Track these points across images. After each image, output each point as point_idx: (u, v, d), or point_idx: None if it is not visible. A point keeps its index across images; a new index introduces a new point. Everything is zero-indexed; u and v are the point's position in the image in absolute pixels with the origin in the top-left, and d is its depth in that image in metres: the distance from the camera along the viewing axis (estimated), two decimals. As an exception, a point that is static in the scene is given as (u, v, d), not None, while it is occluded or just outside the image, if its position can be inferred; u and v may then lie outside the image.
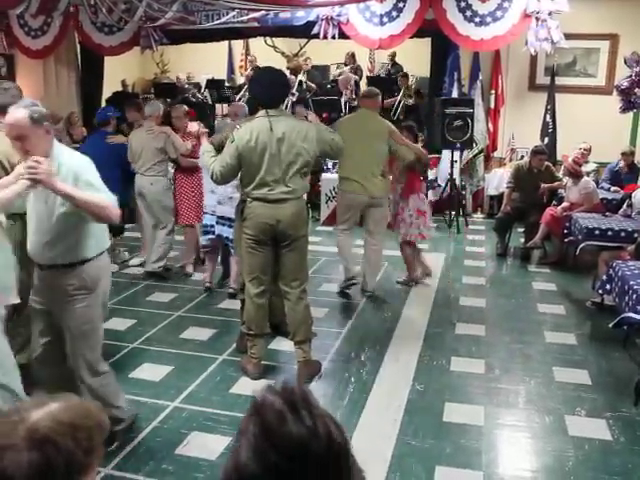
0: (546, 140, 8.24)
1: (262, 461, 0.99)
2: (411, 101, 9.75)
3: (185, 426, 3.39)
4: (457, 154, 8.24)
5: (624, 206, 6.10)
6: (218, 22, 8.23)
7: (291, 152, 3.72)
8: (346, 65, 10.96)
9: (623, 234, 5.40)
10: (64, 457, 1.07)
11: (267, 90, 3.82)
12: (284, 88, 4.08)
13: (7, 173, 3.50)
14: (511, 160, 8.57)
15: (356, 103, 10.50)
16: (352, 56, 10.94)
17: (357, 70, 10.97)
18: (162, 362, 4.18)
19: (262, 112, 3.78)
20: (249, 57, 12.03)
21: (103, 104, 10.34)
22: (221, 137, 4.04)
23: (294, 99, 10.02)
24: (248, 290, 3.94)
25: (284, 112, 3.85)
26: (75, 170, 2.78)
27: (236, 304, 5.05)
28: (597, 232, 5.46)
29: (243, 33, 9.41)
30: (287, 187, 3.77)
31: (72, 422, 1.11)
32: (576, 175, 6.47)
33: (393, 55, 10.80)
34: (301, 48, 11.47)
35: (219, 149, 3.92)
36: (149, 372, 4.04)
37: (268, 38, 11.07)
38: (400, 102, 9.70)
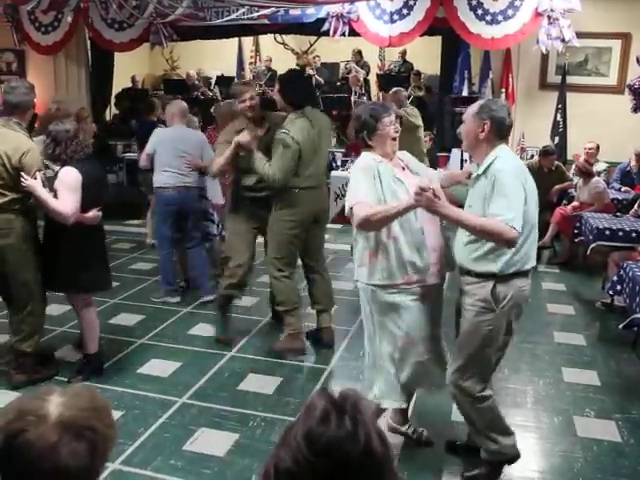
0: (556, 139, 8.19)
1: (295, 456, 1.00)
2: (421, 93, 9.76)
3: (193, 422, 3.40)
4: (467, 153, 8.19)
5: (635, 206, 6.06)
6: (228, 19, 8.22)
7: (324, 143, 4.18)
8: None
9: (634, 234, 5.36)
10: (102, 437, 1.15)
11: (304, 91, 4.24)
12: (313, 88, 4.48)
13: (7, 171, 3.49)
14: (521, 159, 8.52)
15: (365, 99, 10.55)
16: (359, 53, 10.93)
17: (364, 66, 10.96)
18: (170, 358, 4.19)
19: (297, 112, 4.01)
20: (265, 59, 12.02)
21: (113, 100, 10.41)
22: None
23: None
24: (282, 272, 4.17)
25: (310, 108, 4.19)
26: None
27: (246, 301, 5.07)
28: (608, 232, 5.43)
29: (253, 30, 9.40)
30: (323, 175, 4.31)
31: (91, 405, 1.17)
32: (587, 174, 6.44)
33: (403, 53, 10.79)
34: (311, 45, 11.47)
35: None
36: (157, 368, 4.05)
37: (278, 35, 11.08)
38: (410, 96, 9.72)
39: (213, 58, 12.16)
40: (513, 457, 2.90)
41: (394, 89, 7.13)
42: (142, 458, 3.07)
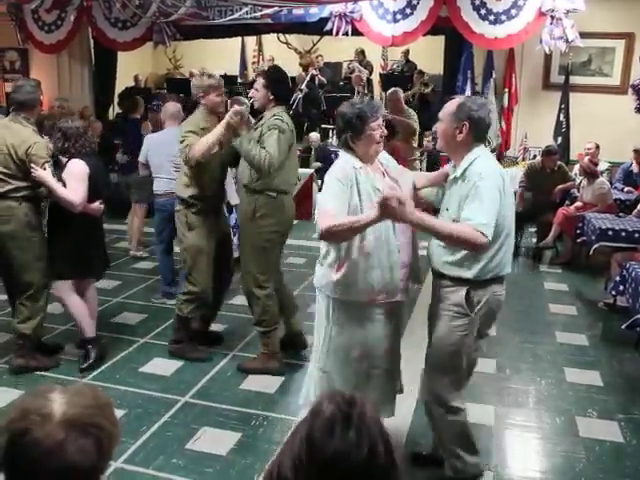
0: (559, 139, 8.19)
1: (294, 466, 0.99)
2: (428, 89, 9.83)
3: (196, 421, 3.40)
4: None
5: (638, 207, 6.05)
6: (231, 18, 8.24)
7: (295, 145, 3.88)
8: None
9: (637, 235, 5.36)
10: (106, 434, 1.15)
11: (289, 88, 4.03)
12: None
13: (15, 163, 3.65)
14: (524, 159, 8.52)
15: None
16: (361, 52, 10.94)
17: (367, 66, 10.96)
18: (173, 357, 4.18)
19: (281, 108, 3.77)
20: (267, 58, 12.01)
21: (116, 99, 10.42)
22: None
23: (301, 95, 10.01)
24: (265, 291, 3.85)
25: None
26: None
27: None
28: (610, 233, 5.43)
29: (256, 29, 9.41)
30: (296, 177, 4.05)
31: (94, 403, 1.17)
32: (592, 174, 6.43)
33: (406, 52, 10.78)
34: (314, 45, 11.48)
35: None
36: (160, 367, 4.05)
37: (281, 34, 11.07)
38: (414, 94, 9.83)
39: (216, 57, 12.14)
40: (476, 476, 2.83)
41: (391, 89, 7.08)
42: (144, 457, 3.07)
